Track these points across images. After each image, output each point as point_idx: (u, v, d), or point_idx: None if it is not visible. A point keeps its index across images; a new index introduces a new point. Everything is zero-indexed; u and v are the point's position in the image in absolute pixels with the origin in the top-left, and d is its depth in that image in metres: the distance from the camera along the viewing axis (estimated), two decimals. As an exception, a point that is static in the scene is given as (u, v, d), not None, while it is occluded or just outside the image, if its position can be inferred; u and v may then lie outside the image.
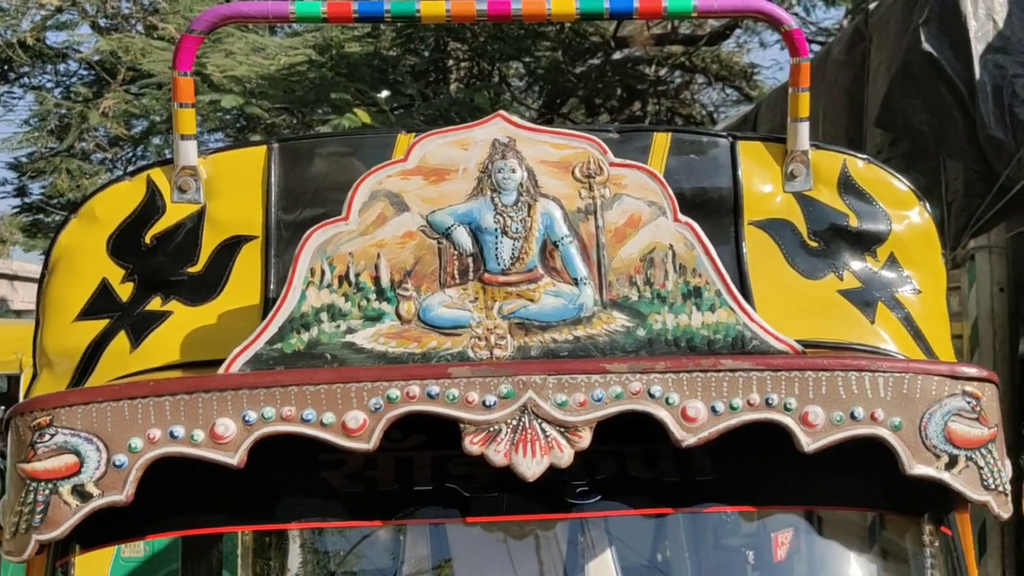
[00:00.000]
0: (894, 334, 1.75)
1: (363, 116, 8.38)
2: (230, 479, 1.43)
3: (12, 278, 26.91)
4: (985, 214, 3.59)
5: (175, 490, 1.46)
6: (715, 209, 1.77)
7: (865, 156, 1.89)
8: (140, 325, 1.67)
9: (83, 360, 1.66)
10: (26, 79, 15.49)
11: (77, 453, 1.36)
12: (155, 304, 1.68)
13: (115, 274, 1.70)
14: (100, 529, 1.45)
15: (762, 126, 6.00)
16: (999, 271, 3.74)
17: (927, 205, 1.88)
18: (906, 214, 1.84)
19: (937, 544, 1.64)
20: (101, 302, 1.69)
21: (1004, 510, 1.52)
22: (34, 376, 1.72)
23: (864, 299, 1.76)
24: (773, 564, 1.99)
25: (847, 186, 1.82)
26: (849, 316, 1.74)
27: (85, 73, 14.83)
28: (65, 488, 1.36)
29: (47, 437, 1.37)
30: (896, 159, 4.09)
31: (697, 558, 2.06)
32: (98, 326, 1.67)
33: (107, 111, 12.01)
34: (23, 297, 26.38)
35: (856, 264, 1.79)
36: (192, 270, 1.70)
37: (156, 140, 13.76)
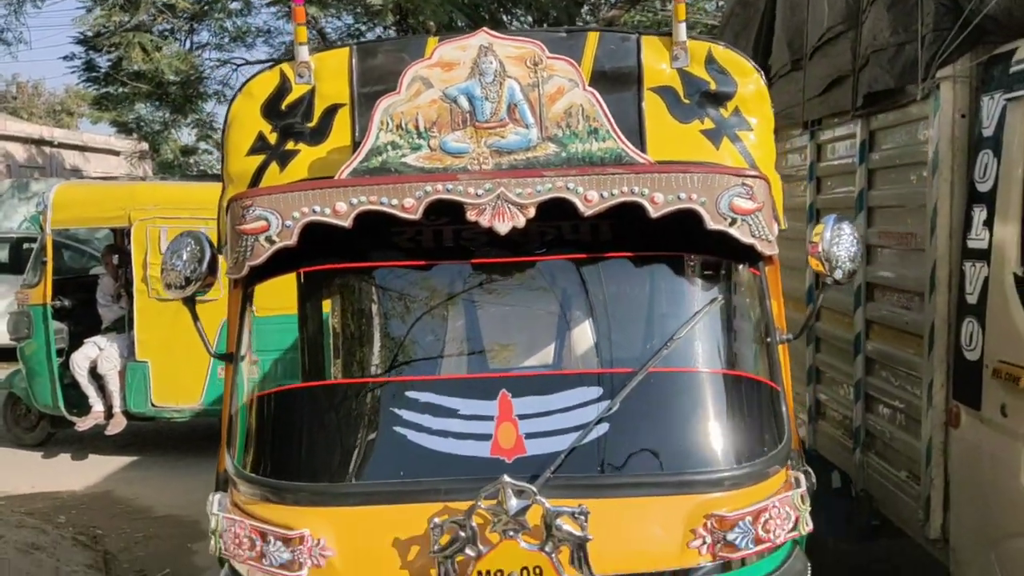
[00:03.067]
0: (731, 156, 2.85)
1: None
2: (344, 238, 2.63)
3: (83, 149, 27.47)
4: (950, 46, 3.77)
5: (314, 245, 2.65)
6: (626, 80, 2.86)
7: (724, 43, 2.96)
8: (283, 158, 2.83)
9: (252, 179, 2.83)
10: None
11: (266, 219, 2.58)
12: (290, 145, 2.84)
13: (266, 128, 2.86)
14: (272, 269, 2.68)
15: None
16: (961, 98, 3.79)
17: (763, 74, 2.95)
18: (748, 80, 2.91)
19: (750, 284, 2.82)
20: (259, 145, 2.86)
21: (767, 250, 2.68)
22: (224, 188, 2.92)
23: (715, 135, 2.86)
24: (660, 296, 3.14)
25: (710, 63, 2.90)
26: (704, 146, 2.85)
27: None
28: (261, 238, 2.58)
29: (250, 211, 2.59)
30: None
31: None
32: (259, 159, 2.85)
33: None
34: (95, 167, 26.83)
35: (713, 113, 2.88)
36: (310, 125, 2.85)
37: (217, 12, 14.67)
